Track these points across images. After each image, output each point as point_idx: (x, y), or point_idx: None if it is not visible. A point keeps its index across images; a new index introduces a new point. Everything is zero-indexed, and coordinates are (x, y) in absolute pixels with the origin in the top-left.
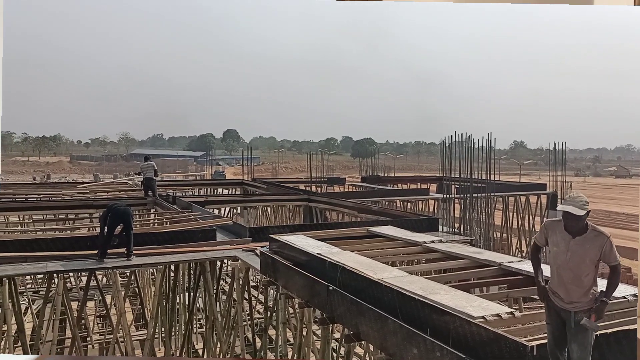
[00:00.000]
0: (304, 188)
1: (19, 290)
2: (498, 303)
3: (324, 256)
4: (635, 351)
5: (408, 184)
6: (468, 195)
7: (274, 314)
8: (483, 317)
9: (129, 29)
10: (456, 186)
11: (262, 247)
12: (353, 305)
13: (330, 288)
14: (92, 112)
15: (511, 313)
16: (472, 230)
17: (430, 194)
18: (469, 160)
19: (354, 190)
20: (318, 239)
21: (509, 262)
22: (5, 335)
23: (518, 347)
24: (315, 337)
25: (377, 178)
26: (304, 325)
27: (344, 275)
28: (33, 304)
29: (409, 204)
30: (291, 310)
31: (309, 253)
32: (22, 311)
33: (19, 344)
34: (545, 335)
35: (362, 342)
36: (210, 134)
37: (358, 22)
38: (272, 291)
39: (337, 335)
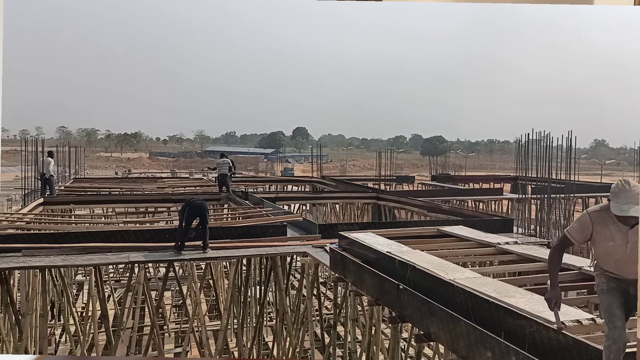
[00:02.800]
0: (372, 186)
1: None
2: (577, 308)
3: (394, 255)
4: None
5: (480, 183)
6: (545, 195)
7: (343, 310)
8: (562, 323)
9: (209, 29)
10: (532, 186)
11: (331, 243)
12: (423, 305)
13: (401, 287)
14: (170, 111)
15: (592, 319)
16: (549, 233)
17: (504, 193)
18: (546, 159)
19: (424, 188)
20: (387, 237)
21: (589, 266)
22: (90, 320)
23: (599, 355)
24: (383, 336)
25: (448, 177)
26: (373, 324)
27: (414, 275)
28: (115, 292)
29: (481, 203)
30: (360, 308)
31: (378, 251)
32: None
33: (102, 329)
34: (634, 344)
35: (432, 342)
36: (281, 132)
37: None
38: (340, 288)
39: (405, 335)
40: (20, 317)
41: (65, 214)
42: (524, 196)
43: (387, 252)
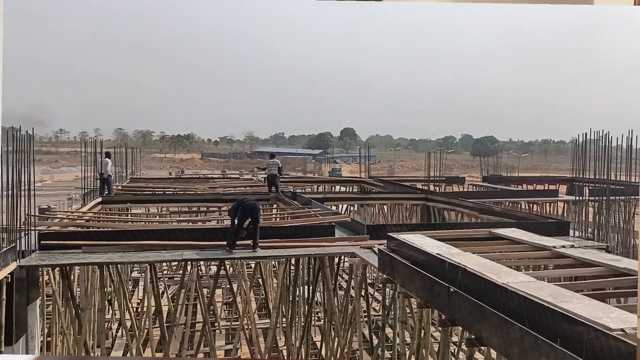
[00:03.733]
0: (421, 187)
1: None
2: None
3: (444, 257)
4: None
5: (534, 184)
6: (604, 197)
7: (391, 312)
8: (622, 330)
9: (258, 33)
10: (590, 188)
11: (379, 244)
12: (475, 309)
13: (451, 290)
14: (221, 112)
15: None
16: (608, 236)
17: (559, 195)
18: (605, 160)
19: (475, 190)
20: (437, 239)
21: None
22: (145, 315)
23: None
24: (432, 339)
25: (500, 178)
26: (422, 326)
27: (465, 278)
28: (168, 289)
29: (535, 205)
30: (408, 310)
31: (428, 253)
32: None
33: (157, 324)
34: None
35: (484, 347)
36: (329, 133)
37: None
38: (389, 289)
39: (455, 338)
40: (79, 312)
41: (122, 213)
42: (581, 198)
43: (437, 254)
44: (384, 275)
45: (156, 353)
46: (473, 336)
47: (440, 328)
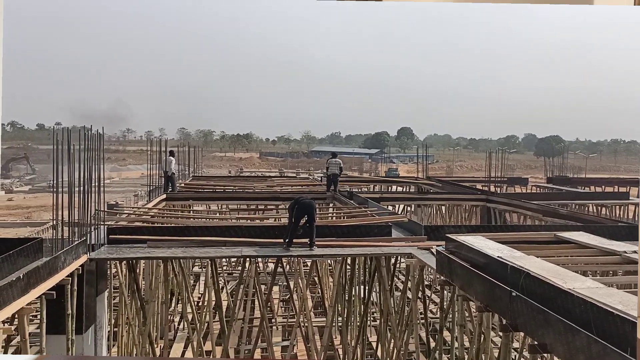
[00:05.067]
0: (481, 188)
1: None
2: None
3: (506, 260)
4: None
5: (603, 186)
6: None
7: (449, 315)
8: None
9: (314, 33)
10: None
11: (438, 246)
12: (539, 314)
13: (514, 294)
14: (278, 113)
15: None
16: None
17: (630, 198)
18: None
19: (538, 191)
20: (498, 242)
21: None
22: (206, 309)
23: None
24: (492, 345)
25: (566, 179)
26: (482, 331)
27: (528, 282)
28: (227, 285)
29: (603, 208)
30: (467, 313)
31: (488, 255)
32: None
33: (217, 318)
34: None
35: (547, 354)
36: (385, 132)
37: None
38: (447, 292)
39: (515, 344)
40: (144, 304)
41: (184, 209)
42: None
43: (498, 257)
44: (442, 277)
45: (216, 347)
46: (536, 342)
47: (501, 333)
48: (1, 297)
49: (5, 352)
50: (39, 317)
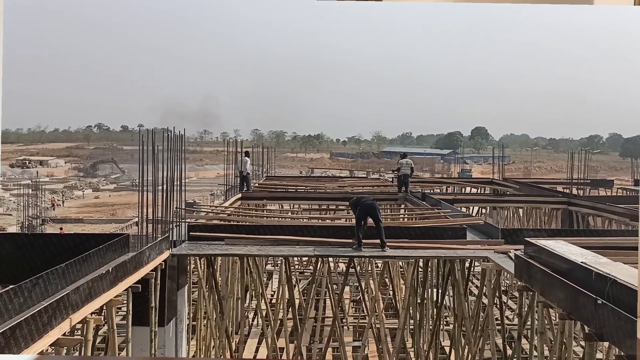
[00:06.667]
0: (562, 190)
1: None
2: None
3: (590, 266)
4: None
5: None
6: None
7: (528, 322)
8: None
9: (376, 33)
10: None
11: (516, 250)
12: (627, 324)
13: (599, 301)
14: (348, 113)
15: None
16: None
17: None
18: None
19: (625, 194)
20: (581, 247)
21: None
22: (280, 306)
23: None
24: (574, 355)
25: None
26: (564, 339)
27: (615, 289)
28: (299, 283)
29: None
30: (547, 320)
31: (571, 261)
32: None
33: (290, 315)
34: None
35: None
36: (458, 132)
37: None
38: (525, 298)
39: (599, 355)
40: (221, 299)
41: (258, 208)
42: None
43: (581, 262)
44: (521, 282)
45: (289, 344)
46: (623, 353)
47: (584, 342)
48: (92, 289)
49: (94, 341)
50: (124, 309)
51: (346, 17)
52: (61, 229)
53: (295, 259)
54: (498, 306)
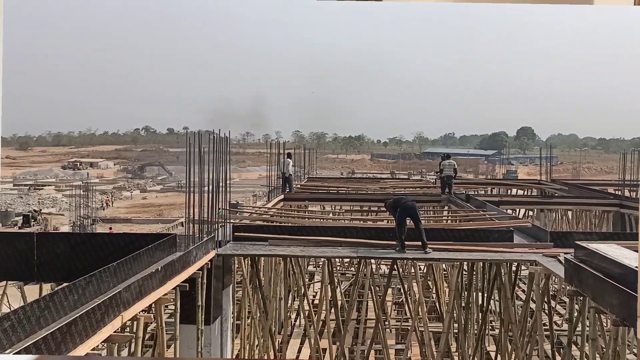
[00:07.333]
0: (613, 192)
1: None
2: None
3: None
4: None
5: None
6: None
7: (578, 328)
8: None
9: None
10: None
11: (565, 253)
12: None
13: None
14: (390, 114)
15: None
16: None
17: None
18: None
19: None
20: (636, 251)
21: None
22: (323, 307)
23: None
24: None
25: None
26: (617, 347)
27: None
28: (340, 285)
29: None
30: (598, 327)
31: (625, 265)
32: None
33: (332, 316)
34: None
35: None
36: (503, 132)
37: None
38: (575, 303)
39: None
40: (265, 299)
41: (300, 210)
42: None
43: (635, 267)
44: (571, 287)
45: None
46: None
47: (637, 350)
48: (142, 287)
49: (144, 338)
50: (171, 307)
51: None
52: (110, 228)
53: (337, 260)
54: (546, 311)
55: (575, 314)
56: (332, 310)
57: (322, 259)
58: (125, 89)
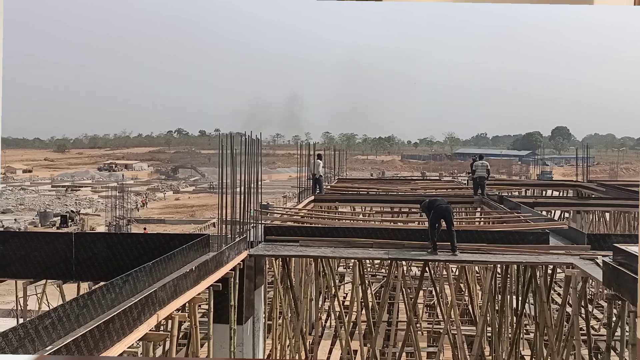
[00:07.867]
0: None
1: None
2: None
3: None
4: None
5: None
6: None
7: (617, 333)
8: None
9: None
10: None
11: (604, 256)
12: None
13: None
14: (421, 115)
15: None
16: None
17: None
18: None
19: None
20: None
21: None
22: (355, 308)
23: None
24: None
25: None
26: None
27: None
28: (371, 286)
29: None
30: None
31: None
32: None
33: (363, 317)
34: None
35: None
36: (537, 132)
37: None
38: (614, 307)
39: None
40: (296, 299)
41: (331, 211)
42: None
43: None
44: (609, 291)
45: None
46: None
47: None
48: (177, 287)
49: (178, 337)
50: (204, 306)
51: (429, 18)
52: (145, 228)
53: (367, 261)
54: (583, 315)
55: (614, 319)
56: (363, 311)
57: (353, 260)
58: (159, 91)
